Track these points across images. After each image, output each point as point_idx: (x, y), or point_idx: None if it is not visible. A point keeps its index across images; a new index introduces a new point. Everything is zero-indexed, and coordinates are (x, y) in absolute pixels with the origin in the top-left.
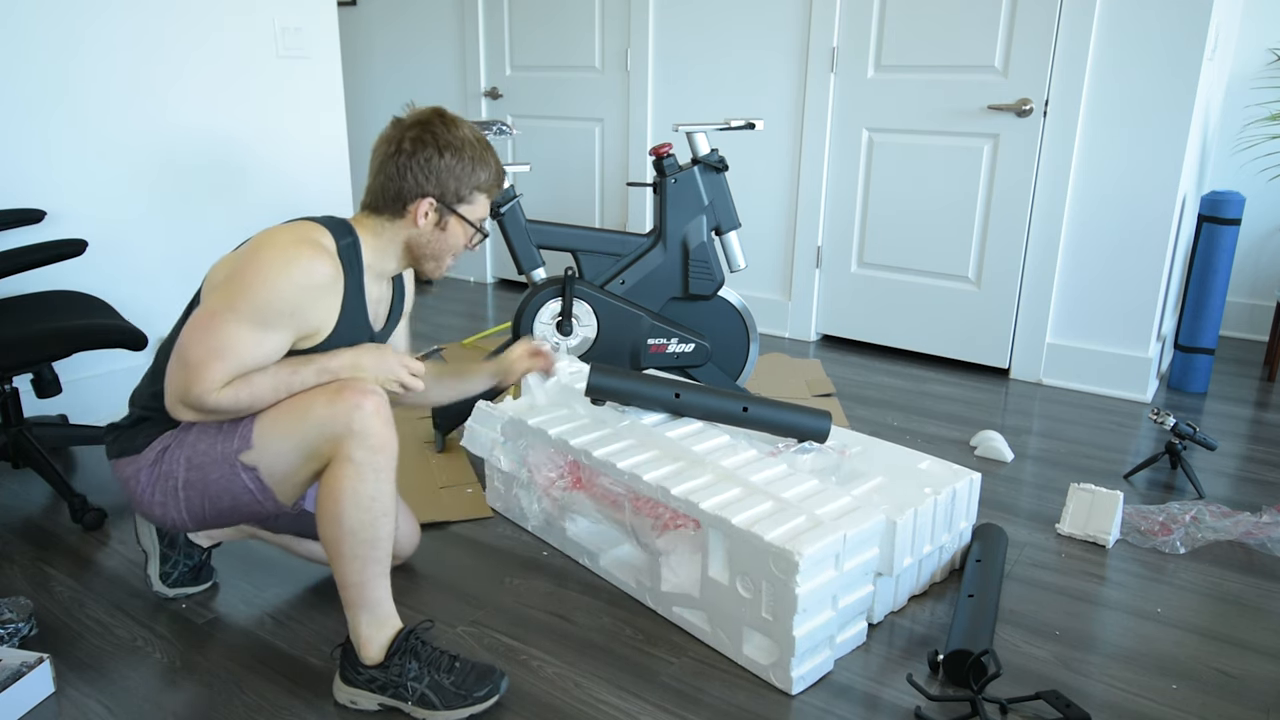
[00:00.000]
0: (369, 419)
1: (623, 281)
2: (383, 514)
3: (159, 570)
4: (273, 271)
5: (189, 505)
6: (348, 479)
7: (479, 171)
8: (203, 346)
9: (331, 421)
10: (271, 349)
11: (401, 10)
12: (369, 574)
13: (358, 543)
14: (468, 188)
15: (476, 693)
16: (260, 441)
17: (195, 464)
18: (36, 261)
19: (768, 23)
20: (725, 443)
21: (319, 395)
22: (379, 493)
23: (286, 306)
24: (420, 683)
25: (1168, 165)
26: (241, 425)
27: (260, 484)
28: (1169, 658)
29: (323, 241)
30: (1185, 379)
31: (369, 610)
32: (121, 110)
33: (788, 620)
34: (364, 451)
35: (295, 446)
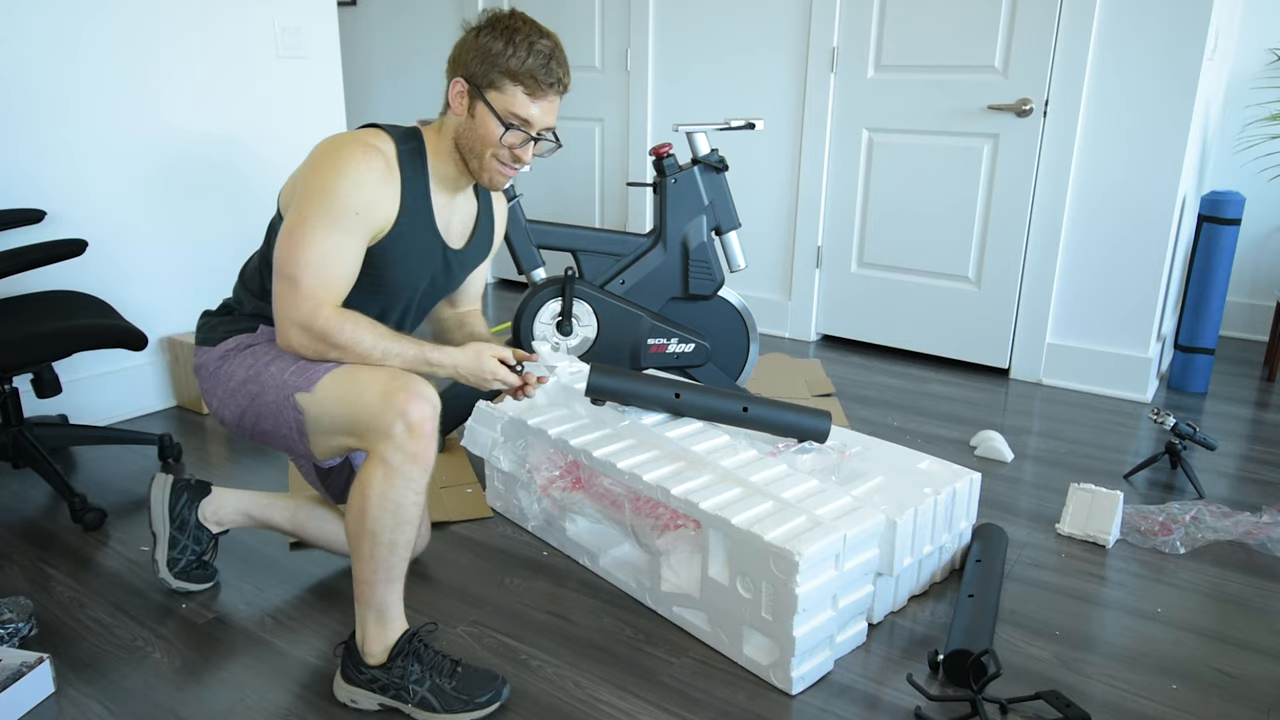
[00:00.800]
0: (410, 428)
1: (623, 281)
2: (405, 522)
3: (167, 555)
4: (331, 174)
5: (238, 408)
6: (377, 480)
7: (510, 55)
8: (295, 262)
9: (379, 415)
10: (351, 251)
11: (401, 10)
12: (381, 576)
13: (376, 544)
14: (496, 71)
15: (479, 698)
16: (319, 392)
17: (257, 379)
18: (36, 261)
19: (768, 23)
20: (725, 443)
21: (379, 384)
22: (404, 501)
23: (351, 204)
24: (422, 685)
25: (1168, 165)
26: (312, 370)
27: (301, 428)
28: (1169, 658)
29: (376, 143)
30: (1185, 379)
31: (376, 611)
32: (121, 110)
33: (788, 620)
34: (399, 457)
35: (341, 417)
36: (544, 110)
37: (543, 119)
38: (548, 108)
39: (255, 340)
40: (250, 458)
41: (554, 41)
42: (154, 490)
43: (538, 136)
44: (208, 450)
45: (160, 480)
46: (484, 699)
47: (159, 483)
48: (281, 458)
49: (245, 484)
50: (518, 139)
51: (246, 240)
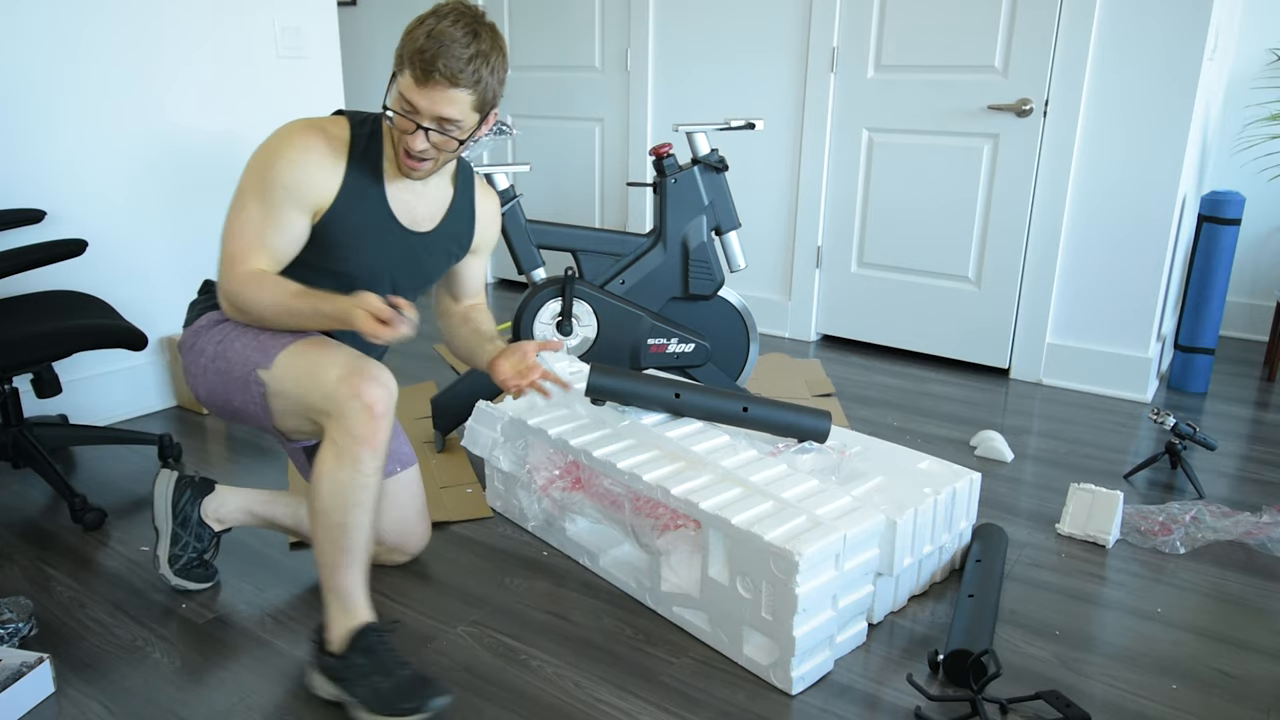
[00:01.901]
0: (361, 410)
1: (623, 281)
2: (355, 505)
3: (168, 552)
4: (267, 152)
5: (210, 384)
6: (326, 460)
7: (409, 40)
8: (226, 231)
9: (332, 396)
10: (285, 224)
11: (401, 10)
12: (339, 560)
13: (328, 524)
14: (401, 54)
15: (402, 705)
16: (278, 368)
17: (224, 354)
18: (36, 261)
19: (768, 23)
20: (725, 443)
21: (337, 366)
22: (353, 483)
23: (280, 178)
24: (363, 680)
25: (1168, 165)
26: (273, 345)
27: (263, 403)
28: (1169, 658)
29: (327, 127)
30: (1185, 379)
31: (336, 596)
32: (122, 110)
33: (788, 620)
34: (346, 439)
35: (298, 394)
36: (432, 100)
37: (430, 108)
38: (438, 98)
39: (225, 316)
40: (250, 457)
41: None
42: (157, 486)
43: (426, 127)
44: (208, 450)
45: (164, 476)
46: (410, 707)
47: (163, 479)
48: (282, 456)
49: (245, 483)
50: (404, 125)
51: None
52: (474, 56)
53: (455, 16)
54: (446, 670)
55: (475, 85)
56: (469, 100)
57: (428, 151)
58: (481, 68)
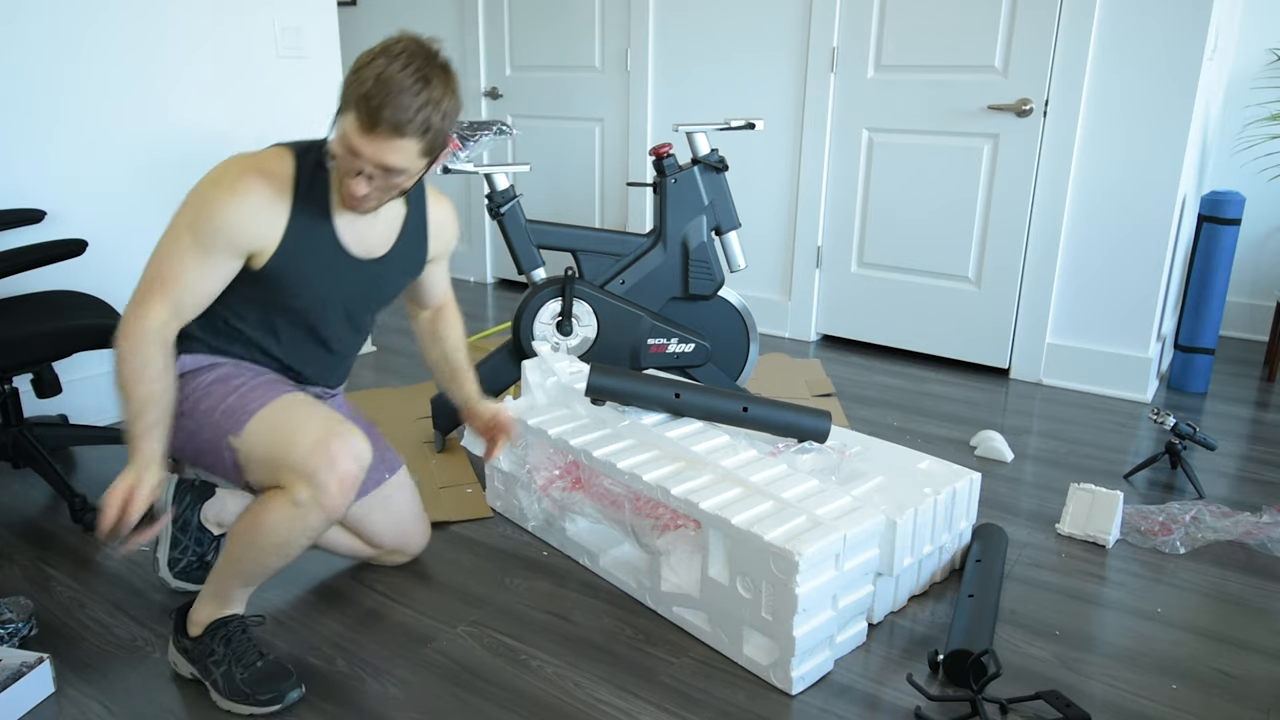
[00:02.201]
0: (333, 483)
1: (623, 281)
2: (287, 556)
3: (168, 554)
4: (206, 193)
5: (179, 442)
6: (279, 514)
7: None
8: (154, 258)
9: (303, 464)
10: (213, 266)
11: (401, 10)
12: (240, 581)
13: (248, 559)
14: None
15: (260, 695)
16: (249, 433)
17: (194, 417)
18: (36, 261)
19: (768, 23)
20: (725, 443)
21: (313, 431)
22: (296, 542)
23: (218, 225)
24: (218, 667)
25: (1168, 165)
26: (243, 410)
27: (236, 466)
28: (1169, 658)
29: (268, 165)
30: (1185, 379)
31: (214, 593)
32: (122, 110)
33: (788, 620)
34: (311, 505)
35: (270, 458)
36: (377, 148)
37: (375, 155)
38: (383, 146)
39: (183, 369)
40: None
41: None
42: None
43: (370, 173)
44: None
45: (164, 480)
46: (265, 697)
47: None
48: None
49: None
50: (346, 168)
51: None
52: (423, 105)
53: (406, 59)
54: (447, 670)
55: (423, 134)
56: (416, 148)
57: (370, 195)
58: (431, 115)
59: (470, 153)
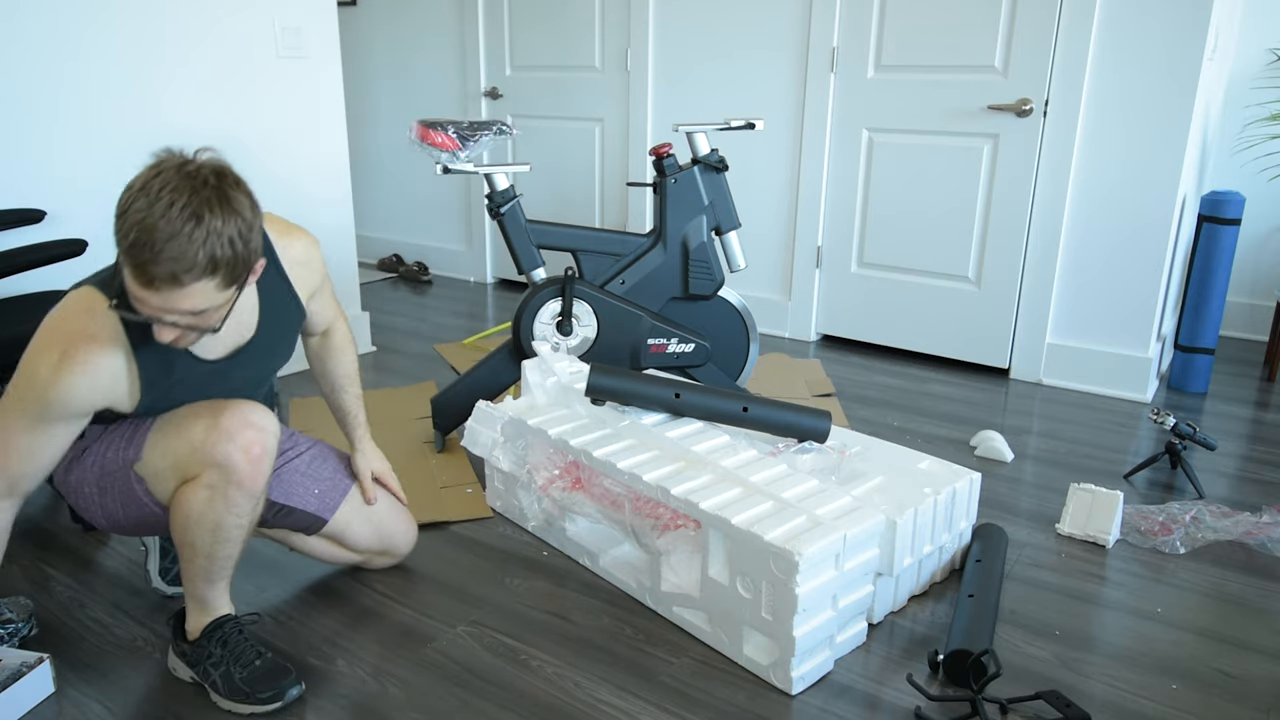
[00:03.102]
0: (237, 453)
1: (623, 281)
2: (225, 540)
3: (158, 565)
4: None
5: (106, 510)
6: (197, 501)
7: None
8: None
9: (200, 449)
10: (54, 436)
11: (401, 10)
12: (201, 578)
13: (195, 554)
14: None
15: (260, 694)
16: (148, 454)
17: (106, 471)
18: (36, 261)
19: (768, 23)
20: (725, 443)
21: (200, 420)
22: (225, 522)
23: (63, 404)
24: (217, 669)
25: (1168, 165)
26: (137, 436)
27: (150, 495)
28: (1169, 658)
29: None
30: (1185, 379)
31: (196, 600)
32: (122, 110)
33: (788, 620)
34: (223, 482)
35: (171, 465)
36: (165, 300)
37: (166, 306)
38: (170, 297)
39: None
40: None
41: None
42: None
43: (170, 321)
44: None
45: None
46: (265, 695)
47: None
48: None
49: None
50: (145, 314)
51: None
52: (202, 243)
53: (171, 195)
54: (447, 670)
55: (213, 272)
56: (211, 286)
57: (184, 336)
58: (216, 248)
59: (470, 153)
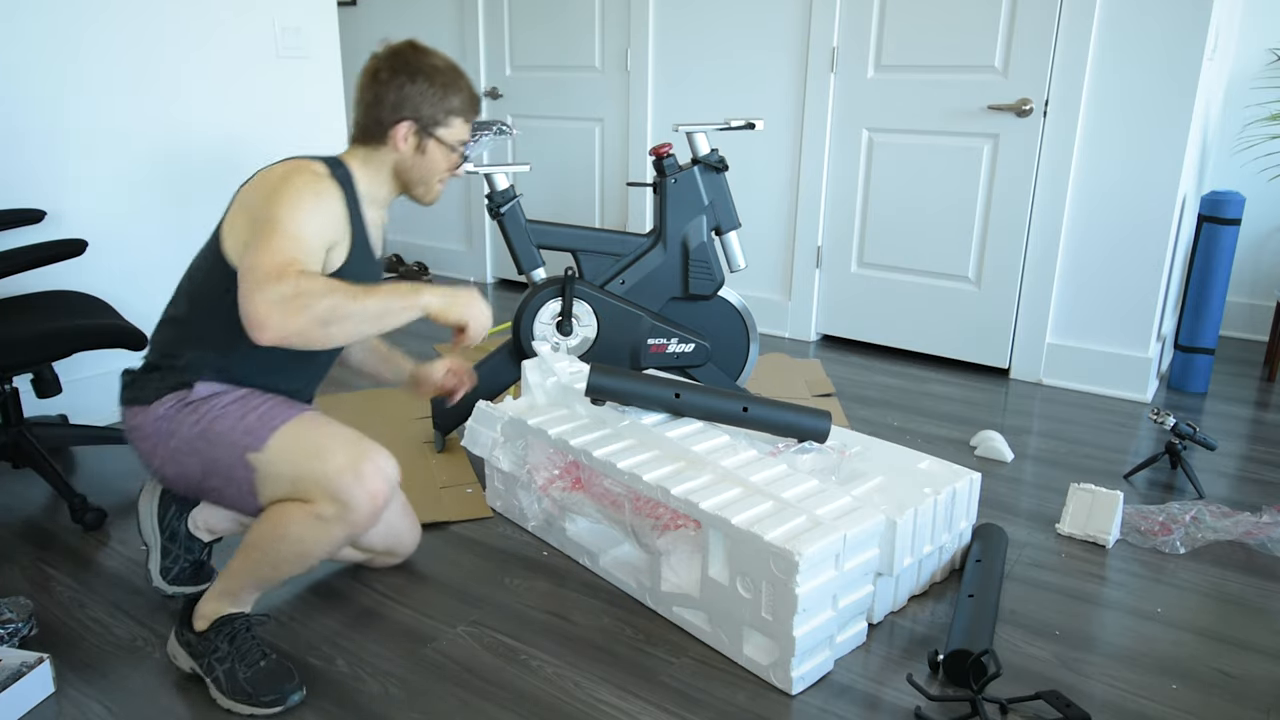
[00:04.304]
0: (365, 502)
1: (623, 281)
2: (299, 566)
3: (159, 564)
4: (284, 183)
5: (185, 469)
6: (303, 526)
7: (451, 96)
8: (261, 253)
9: (333, 483)
10: (314, 247)
11: (401, 10)
12: (252, 583)
13: (265, 565)
14: (442, 111)
15: (262, 696)
16: (271, 451)
17: (208, 438)
18: (36, 261)
19: (768, 23)
20: (725, 443)
21: (343, 450)
22: (315, 553)
23: (315, 205)
24: (221, 665)
25: (1168, 165)
26: (262, 426)
27: (251, 485)
28: (1169, 658)
29: (320, 167)
30: (1185, 379)
31: (225, 591)
32: (122, 110)
33: (788, 620)
34: (336, 520)
35: (294, 477)
36: (469, 127)
37: (466, 135)
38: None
39: (194, 397)
40: None
41: (455, 66)
42: (141, 501)
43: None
44: None
45: (148, 491)
46: (268, 699)
47: (147, 493)
48: None
49: None
50: (452, 163)
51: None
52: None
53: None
54: (447, 670)
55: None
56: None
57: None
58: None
59: (470, 153)
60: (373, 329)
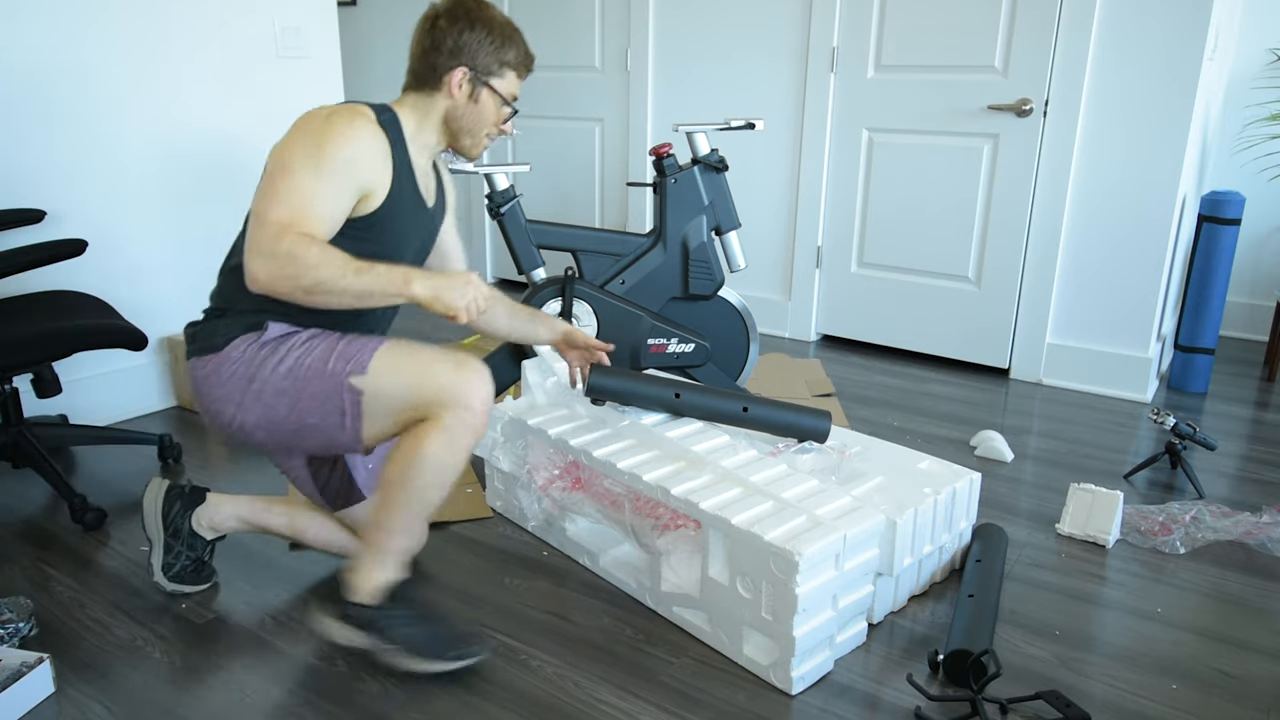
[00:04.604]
0: (480, 403)
1: (623, 281)
2: (446, 484)
3: (162, 561)
4: (322, 125)
5: (269, 413)
6: (434, 443)
7: (508, 49)
8: (269, 200)
9: (450, 388)
10: (333, 195)
11: (401, 10)
12: (403, 527)
13: (410, 497)
14: (497, 62)
15: (451, 652)
16: (375, 371)
17: (297, 374)
18: (36, 261)
19: (768, 23)
20: (725, 443)
21: (445, 360)
22: (454, 463)
23: (340, 152)
24: (402, 629)
25: (1168, 165)
26: (361, 351)
27: (356, 410)
28: (1169, 658)
29: (365, 112)
30: (1185, 379)
31: (378, 553)
32: (122, 110)
33: (788, 620)
34: (463, 429)
35: (404, 392)
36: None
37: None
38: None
39: (269, 336)
40: (250, 457)
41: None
42: (146, 497)
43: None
44: (207, 450)
45: (154, 486)
46: (457, 654)
47: (152, 489)
48: None
49: (245, 483)
50: (502, 115)
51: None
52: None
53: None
54: (446, 670)
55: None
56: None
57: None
58: None
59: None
60: (355, 305)
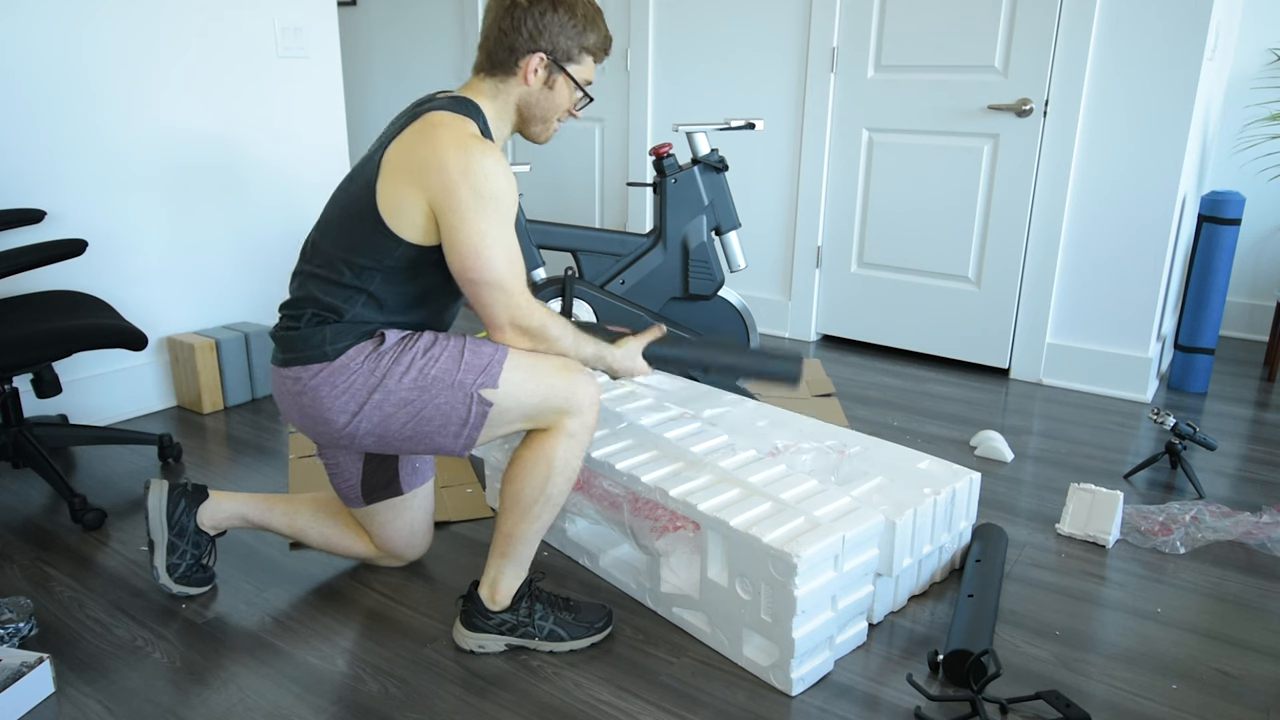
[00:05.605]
0: (591, 403)
1: (623, 281)
2: (570, 488)
3: (165, 561)
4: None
5: (387, 422)
6: (562, 449)
7: (589, 32)
8: (495, 269)
9: (569, 398)
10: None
11: (401, 10)
12: (533, 531)
13: (548, 505)
14: (577, 47)
15: (597, 624)
16: (504, 384)
17: (422, 385)
18: (36, 261)
19: (768, 23)
20: (724, 443)
21: (563, 371)
22: (577, 467)
23: (510, 200)
24: (547, 621)
25: (1168, 165)
26: (490, 363)
27: (480, 421)
28: (1169, 658)
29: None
30: (1185, 379)
31: (514, 562)
32: (121, 110)
33: (787, 622)
34: (584, 432)
35: (530, 401)
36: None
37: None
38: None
39: (388, 345)
40: (251, 456)
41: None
42: (150, 498)
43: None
44: (207, 450)
45: (157, 487)
46: (600, 624)
47: (155, 490)
48: (282, 457)
49: (246, 482)
50: (574, 100)
51: (246, 240)
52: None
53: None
54: (447, 670)
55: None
56: None
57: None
58: None
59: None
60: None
